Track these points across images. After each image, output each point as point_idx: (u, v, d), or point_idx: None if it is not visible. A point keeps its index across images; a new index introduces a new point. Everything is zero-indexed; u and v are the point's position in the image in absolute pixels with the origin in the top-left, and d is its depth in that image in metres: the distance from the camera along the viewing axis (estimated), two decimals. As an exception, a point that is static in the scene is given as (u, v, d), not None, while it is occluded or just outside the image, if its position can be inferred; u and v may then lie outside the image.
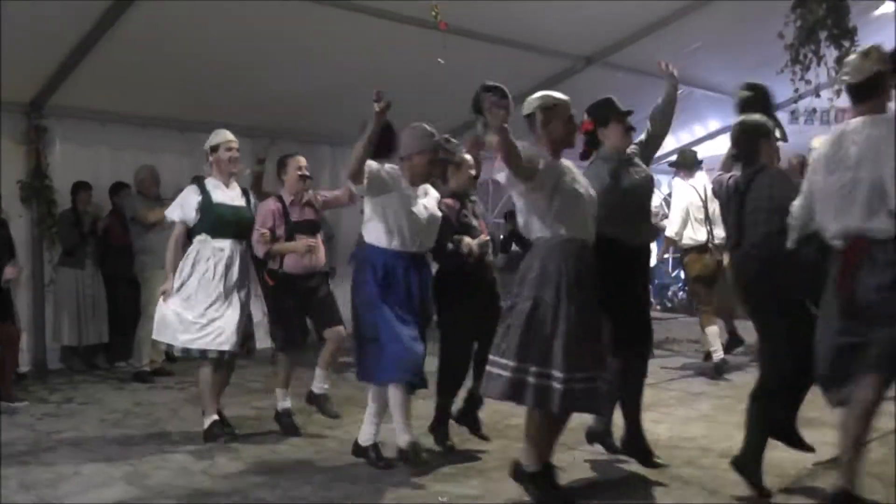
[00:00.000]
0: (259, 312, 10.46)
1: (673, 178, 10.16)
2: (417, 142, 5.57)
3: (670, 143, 14.15)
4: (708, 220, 8.74)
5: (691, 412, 7.01)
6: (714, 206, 8.38)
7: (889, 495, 4.69)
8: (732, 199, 5.10)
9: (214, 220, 6.25)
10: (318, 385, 6.73)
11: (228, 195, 6.38)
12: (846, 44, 7.13)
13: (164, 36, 7.81)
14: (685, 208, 8.89)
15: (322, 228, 10.54)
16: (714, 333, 8.70)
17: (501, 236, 12.65)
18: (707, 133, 13.69)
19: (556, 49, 9.74)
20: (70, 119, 9.02)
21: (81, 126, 9.13)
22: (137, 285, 8.76)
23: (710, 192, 8.39)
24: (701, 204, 8.80)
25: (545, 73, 10.20)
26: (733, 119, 5.39)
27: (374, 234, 5.47)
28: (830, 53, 7.18)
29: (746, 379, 8.29)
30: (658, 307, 14.42)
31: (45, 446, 6.19)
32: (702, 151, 12.81)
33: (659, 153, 14.64)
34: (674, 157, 9.78)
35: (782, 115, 11.55)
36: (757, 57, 9.11)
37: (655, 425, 6.45)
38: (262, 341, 10.49)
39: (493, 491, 5.03)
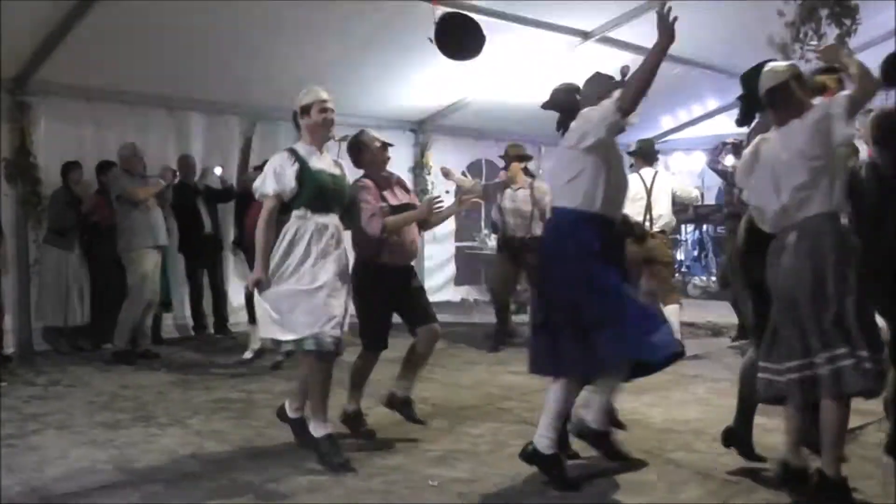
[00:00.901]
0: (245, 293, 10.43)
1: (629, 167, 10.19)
2: (605, 86, 4.89)
3: (668, 123, 14.05)
4: (649, 209, 8.87)
5: (686, 395, 6.93)
6: (654, 196, 8.78)
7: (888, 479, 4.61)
8: (871, 186, 4.82)
9: (316, 191, 5.21)
10: (404, 389, 5.96)
11: (325, 162, 5.39)
12: (847, 22, 7.02)
13: (149, 12, 7.64)
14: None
15: None
16: None
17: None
18: (705, 112, 13.52)
19: (552, 24, 9.59)
20: (55, 96, 8.87)
21: (66, 103, 9.00)
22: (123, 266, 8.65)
23: (652, 183, 8.81)
24: (645, 194, 8.89)
25: (540, 49, 10.09)
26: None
27: (590, 195, 4.71)
28: (832, 32, 7.06)
29: (740, 362, 8.25)
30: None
31: (32, 429, 6.09)
32: (700, 131, 12.75)
33: (651, 135, 14.54)
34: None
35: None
36: (756, 35, 8.99)
37: (650, 408, 6.39)
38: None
39: (484, 475, 4.96)
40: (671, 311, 8.83)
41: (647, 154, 9.17)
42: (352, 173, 5.71)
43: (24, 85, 8.57)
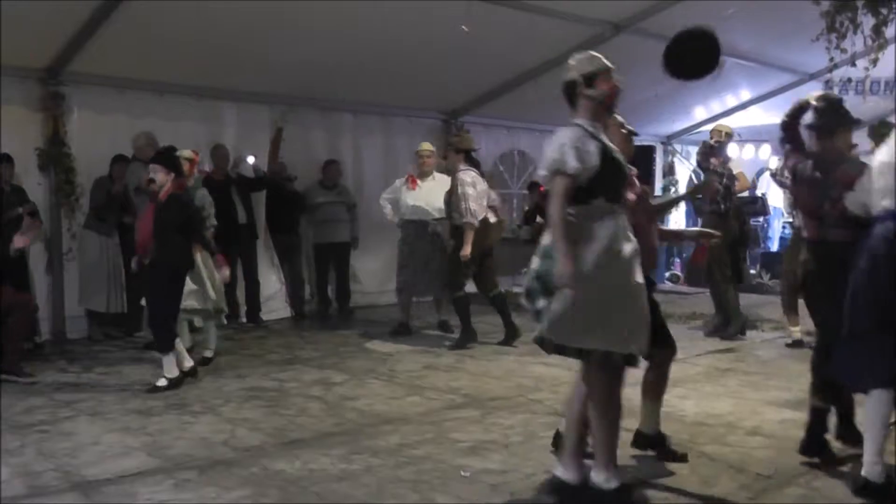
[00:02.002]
0: (277, 282, 10.49)
1: None
2: None
3: (700, 114, 13.93)
4: None
5: (718, 388, 6.89)
6: None
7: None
8: None
9: (614, 176, 4.35)
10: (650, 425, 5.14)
11: (612, 143, 4.53)
12: (884, 11, 6.93)
13: (181, 2, 7.68)
14: None
15: (345, 199, 10.52)
16: None
17: (525, 207, 12.62)
18: (739, 103, 13.40)
19: (584, 15, 9.53)
20: (88, 86, 8.92)
21: (99, 93, 9.03)
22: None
23: None
24: None
25: (572, 40, 9.98)
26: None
27: None
28: (867, 21, 6.97)
29: (773, 355, 8.24)
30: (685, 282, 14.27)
31: (64, 416, 6.14)
32: (733, 121, 12.65)
33: (684, 126, 14.41)
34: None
35: (817, 86, 11.49)
36: (792, 24, 8.92)
37: (682, 401, 6.35)
38: (280, 312, 10.52)
39: (516, 466, 4.95)
40: None
41: None
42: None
43: (57, 75, 8.63)
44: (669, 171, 15.18)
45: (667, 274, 14.43)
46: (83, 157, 8.86)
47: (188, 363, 7.21)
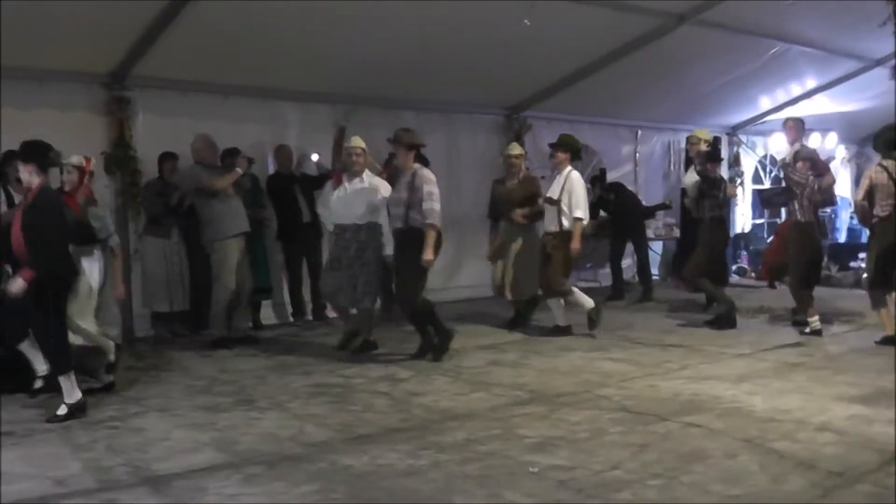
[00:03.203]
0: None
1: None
2: None
3: (766, 104, 13.70)
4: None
5: (787, 384, 6.76)
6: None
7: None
8: None
9: None
10: None
11: None
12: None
13: (244, 4, 7.77)
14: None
15: None
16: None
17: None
18: (804, 91, 13.14)
19: (647, 7, 9.43)
20: (152, 90, 9.06)
21: (163, 96, 9.16)
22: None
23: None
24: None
25: (635, 32, 9.96)
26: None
27: None
28: (930, 6, 6.82)
29: (842, 350, 8.08)
30: (753, 274, 14.06)
31: (133, 412, 6.25)
32: (798, 111, 12.44)
33: (749, 116, 14.17)
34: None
35: (883, 72, 11.24)
36: (856, 11, 8.76)
37: (750, 397, 6.26)
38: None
39: (584, 462, 4.90)
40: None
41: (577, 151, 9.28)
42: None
43: (122, 80, 8.79)
44: (735, 161, 14.98)
45: (734, 267, 14.27)
46: (148, 159, 9.00)
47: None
